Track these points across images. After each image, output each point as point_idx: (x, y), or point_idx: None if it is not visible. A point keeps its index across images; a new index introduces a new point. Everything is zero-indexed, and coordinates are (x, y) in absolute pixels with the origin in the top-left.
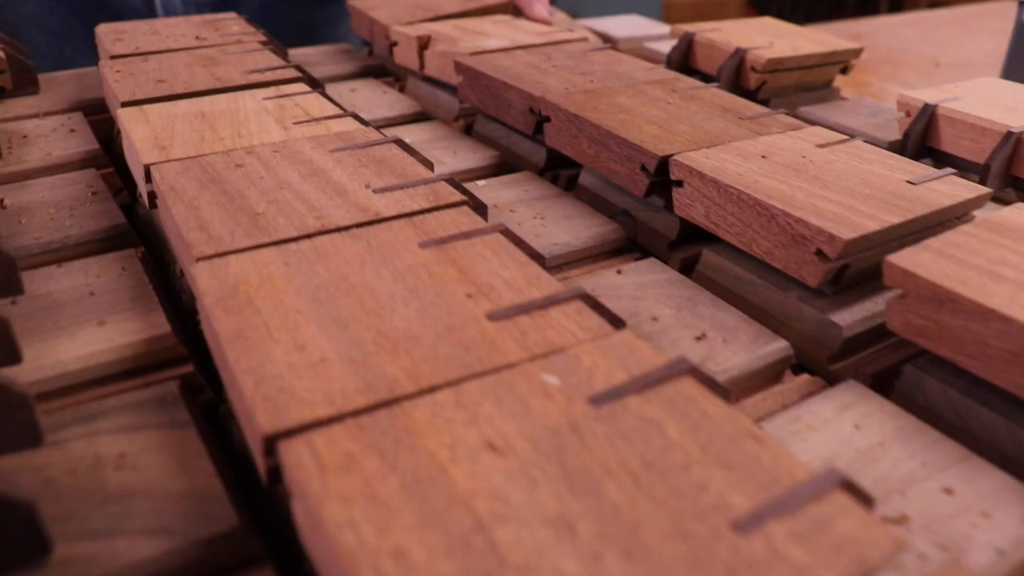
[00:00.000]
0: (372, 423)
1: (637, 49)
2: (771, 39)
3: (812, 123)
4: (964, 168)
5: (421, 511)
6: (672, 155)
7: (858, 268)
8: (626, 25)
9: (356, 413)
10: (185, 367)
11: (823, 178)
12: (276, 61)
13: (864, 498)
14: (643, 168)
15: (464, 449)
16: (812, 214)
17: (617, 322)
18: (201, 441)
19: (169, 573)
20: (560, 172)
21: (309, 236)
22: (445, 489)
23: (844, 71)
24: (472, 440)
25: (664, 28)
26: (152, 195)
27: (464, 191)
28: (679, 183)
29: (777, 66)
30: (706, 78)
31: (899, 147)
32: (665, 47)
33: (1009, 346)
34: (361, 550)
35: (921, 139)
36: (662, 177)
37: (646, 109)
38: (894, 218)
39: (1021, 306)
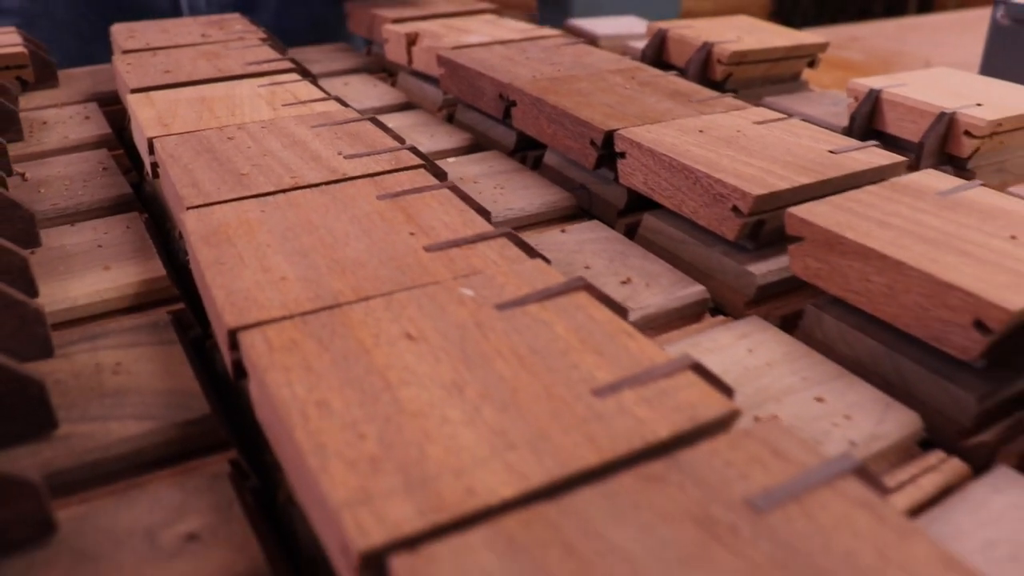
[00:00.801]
0: (315, 320)
1: (619, 46)
2: (740, 34)
3: (775, 112)
4: (906, 148)
5: (343, 377)
6: (616, 130)
7: (775, 226)
8: (612, 25)
9: (304, 314)
10: (177, 305)
11: (750, 148)
12: (273, 55)
13: (715, 381)
14: (592, 142)
15: (386, 337)
16: (731, 175)
17: (532, 253)
18: (184, 354)
19: (151, 449)
20: (528, 153)
21: (284, 191)
22: (365, 363)
23: (811, 64)
24: (393, 331)
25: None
26: (155, 165)
27: (424, 157)
28: (622, 155)
29: (742, 58)
30: (680, 72)
31: (847, 131)
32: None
33: (886, 280)
34: (293, 401)
35: (866, 122)
36: (609, 150)
37: (602, 93)
38: (805, 179)
39: (898, 247)
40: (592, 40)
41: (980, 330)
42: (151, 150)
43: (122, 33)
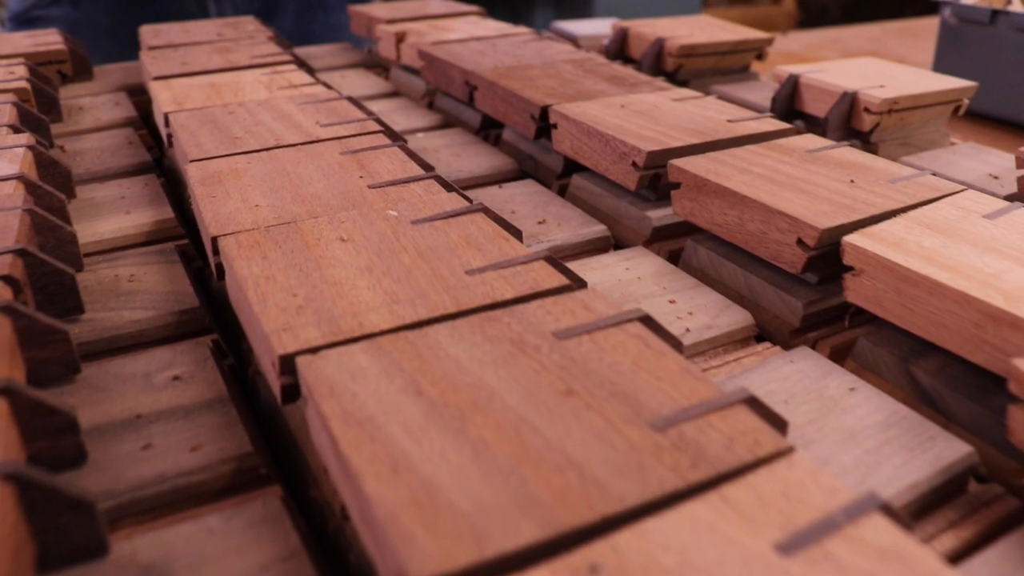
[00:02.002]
0: (275, 230)
1: (596, 45)
2: (693, 31)
3: (723, 99)
4: (820, 125)
5: (288, 262)
6: (551, 105)
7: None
8: (590, 27)
9: (267, 227)
10: (183, 241)
11: (660, 119)
12: (276, 50)
13: (563, 270)
14: (532, 116)
15: (325, 240)
16: (632, 137)
17: (449, 188)
18: (184, 268)
19: (153, 331)
20: (490, 131)
21: (267, 149)
22: (305, 255)
23: (759, 57)
24: (331, 236)
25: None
26: (170, 136)
27: (384, 125)
28: (555, 125)
29: (691, 51)
30: (637, 65)
31: (771, 110)
32: None
33: (737, 212)
34: (250, 276)
35: (787, 103)
36: (546, 123)
37: (549, 78)
38: (696, 140)
39: (748, 187)
40: (572, 40)
41: (801, 247)
42: (167, 123)
43: (149, 33)
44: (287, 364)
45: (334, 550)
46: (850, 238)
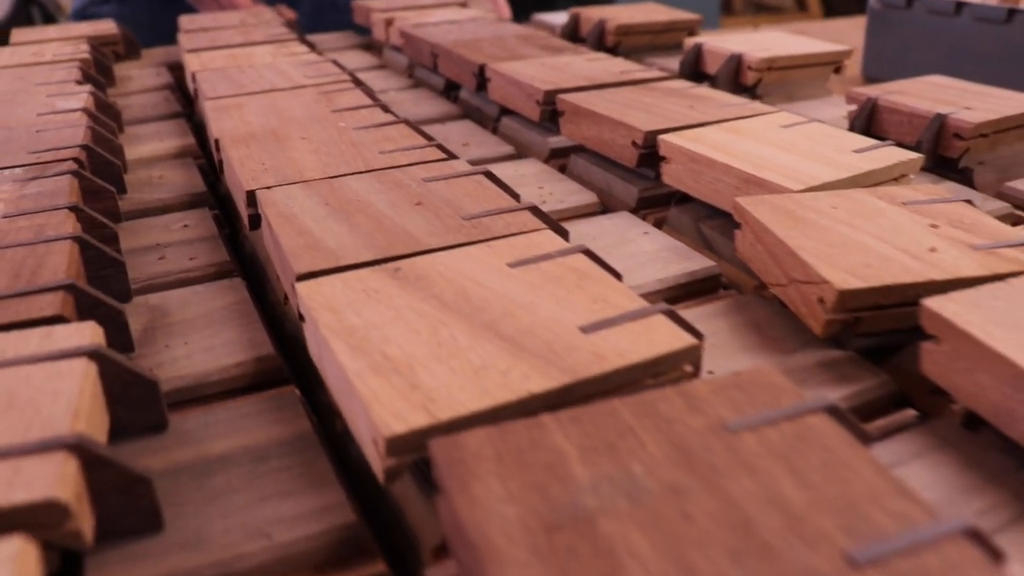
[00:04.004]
0: (259, 135)
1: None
2: (635, 15)
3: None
4: (720, 87)
5: (263, 149)
6: (486, 64)
7: None
8: (565, 17)
9: (254, 133)
10: (200, 160)
11: (567, 71)
12: (286, 31)
13: (448, 153)
14: (473, 74)
15: (291, 139)
16: (538, 81)
17: (387, 111)
18: (198, 172)
19: (174, 206)
20: (452, 92)
21: (264, 92)
22: (276, 146)
23: (691, 34)
24: (296, 137)
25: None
26: (195, 92)
27: (359, 82)
28: (489, 79)
29: (628, 30)
30: (586, 44)
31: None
32: None
33: (597, 127)
34: (235, 157)
35: (692, 67)
36: (483, 78)
37: (493, 47)
38: (585, 83)
39: (609, 109)
40: (551, 29)
41: (635, 147)
42: (194, 80)
43: (186, 21)
44: (251, 198)
45: (339, 445)
46: (664, 136)
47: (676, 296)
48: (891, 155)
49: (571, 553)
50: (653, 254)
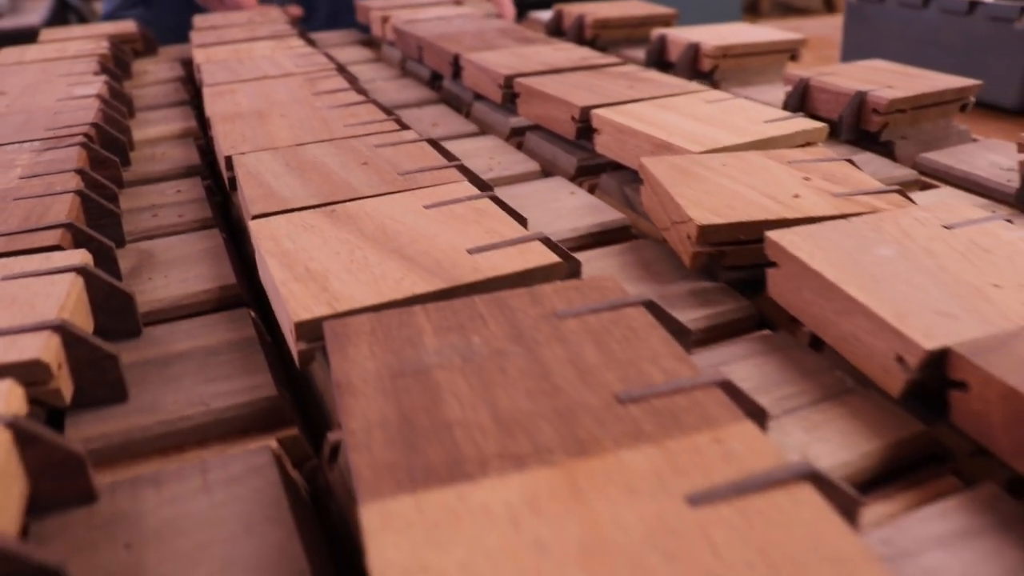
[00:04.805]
0: (246, 114)
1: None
2: (613, 10)
3: (628, 61)
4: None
5: (247, 125)
6: (460, 54)
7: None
8: None
9: (241, 112)
10: (199, 141)
11: (532, 59)
12: (288, 28)
13: (401, 124)
14: (449, 63)
15: (272, 116)
16: (501, 67)
17: (361, 91)
18: (196, 149)
19: (177, 169)
20: (437, 82)
21: (256, 79)
22: (258, 122)
23: (667, 25)
24: (276, 115)
25: None
26: (200, 83)
27: (343, 70)
28: (463, 68)
29: (604, 24)
30: (568, 37)
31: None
32: None
33: (546, 105)
34: (222, 131)
35: (657, 55)
36: (458, 67)
37: (472, 40)
38: (543, 68)
39: (554, 89)
40: (543, 25)
41: (573, 121)
42: (199, 71)
43: (199, 20)
44: (229, 162)
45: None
46: (596, 111)
47: (587, 243)
48: (797, 124)
49: (406, 390)
50: (573, 209)
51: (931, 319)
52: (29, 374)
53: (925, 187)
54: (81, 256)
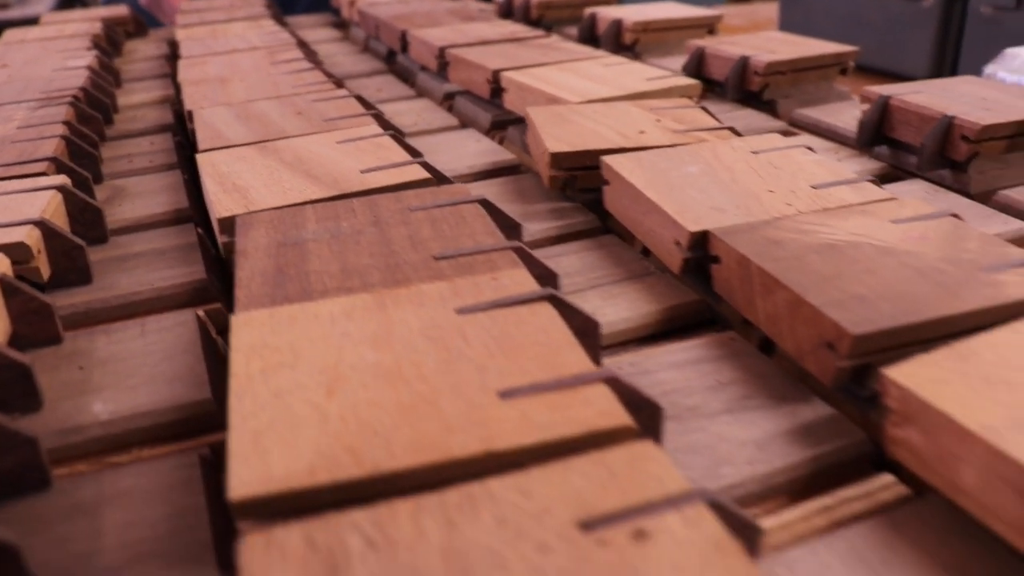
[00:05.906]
0: (212, 80)
1: None
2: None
3: (567, 38)
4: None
5: (210, 90)
6: (407, 30)
7: None
8: None
9: (208, 79)
10: (176, 108)
11: (469, 33)
12: (264, 11)
13: (367, 105)
14: (399, 38)
15: (234, 84)
16: (438, 40)
17: (317, 64)
18: (172, 113)
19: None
20: (393, 57)
21: (226, 52)
22: (222, 87)
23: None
24: (240, 86)
25: None
26: (179, 55)
27: (304, 45)
28: (409, 43)
29: (548, 5)
30: (534, 24)
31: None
32: None
33: (469, 72)
34: (188, 95)
35: (588, 32)
36: (405, 42)
37: (422, 19)
38: (474, 41)
39: (477, 58)
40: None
41: (487, 83)
42: (177, 45)
43: (185, 4)
44: (190, 116)
45: None
46: (504, 72)
47: (481, 177)
48: (671, 81)
49: (284, 255)
50: (475, 153)
51: (704, 212)
52: (15, 254)
53: (788, 134)
54: (62, 180)
